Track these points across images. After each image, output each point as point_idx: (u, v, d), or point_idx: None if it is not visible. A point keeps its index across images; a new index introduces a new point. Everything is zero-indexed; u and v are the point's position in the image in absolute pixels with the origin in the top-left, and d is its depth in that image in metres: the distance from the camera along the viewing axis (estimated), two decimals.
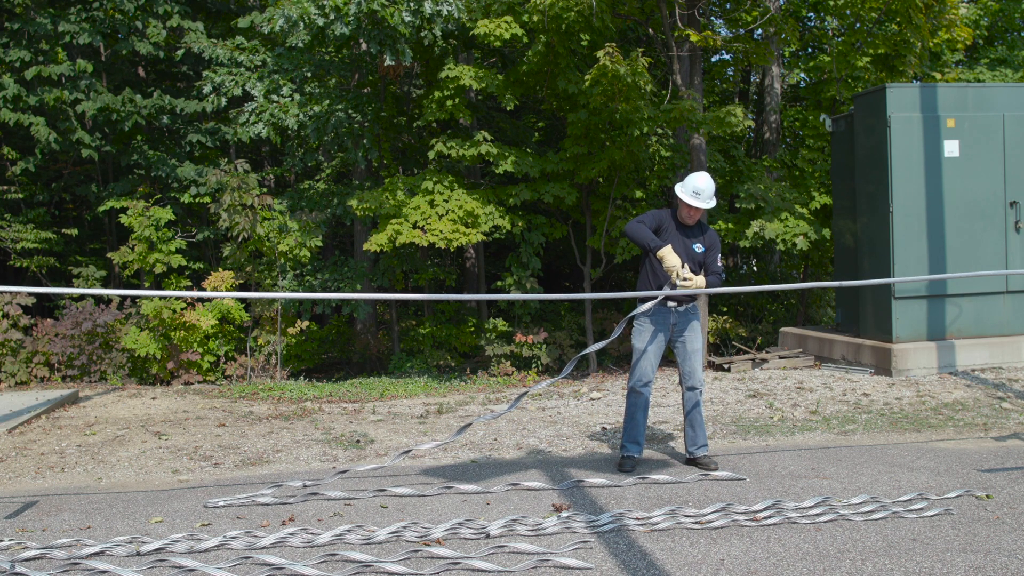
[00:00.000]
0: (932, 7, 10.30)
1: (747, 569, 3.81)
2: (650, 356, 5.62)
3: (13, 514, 4.93)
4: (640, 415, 5.67)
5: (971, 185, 8.67)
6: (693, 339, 5.64)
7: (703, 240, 5.65)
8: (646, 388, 5.65)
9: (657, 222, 5.64)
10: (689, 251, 5.58)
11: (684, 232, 5.62)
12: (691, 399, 5.68)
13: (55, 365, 9.97)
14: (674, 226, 5.63)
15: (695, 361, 5.65)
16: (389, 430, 7.06)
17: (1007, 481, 5.05)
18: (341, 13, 10.10)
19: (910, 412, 7.12)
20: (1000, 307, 8.79)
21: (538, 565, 3.89)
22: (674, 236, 5.59)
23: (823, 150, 12.62)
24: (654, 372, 5.65)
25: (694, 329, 5.65)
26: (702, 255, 5.62)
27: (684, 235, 5.61)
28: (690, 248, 5.59)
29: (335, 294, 7.88)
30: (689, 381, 5.67)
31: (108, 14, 12.84)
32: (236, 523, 4.65)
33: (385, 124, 12.26)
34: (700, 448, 5.65)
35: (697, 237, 5.64)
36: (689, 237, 5.62)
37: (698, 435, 5.67)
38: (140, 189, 13.10)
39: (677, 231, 5.62)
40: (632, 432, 5.66)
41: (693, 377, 5.65)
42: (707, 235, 5.69)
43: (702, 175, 5.60)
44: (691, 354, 5.65)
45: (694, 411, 5.67)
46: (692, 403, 5.68)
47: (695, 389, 5.66)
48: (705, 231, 5.70)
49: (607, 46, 9.52)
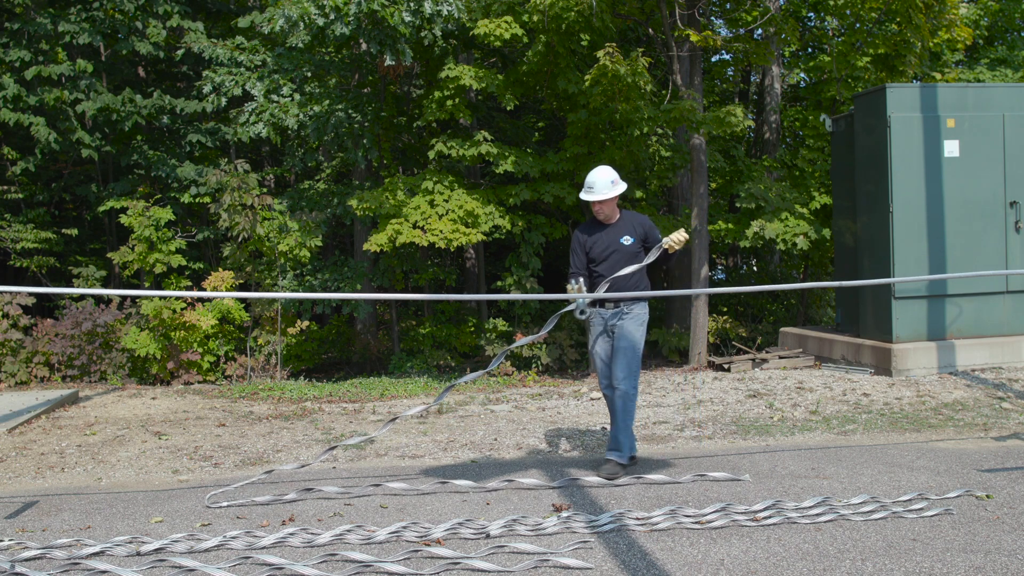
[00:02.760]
0: (932, 7, 10.30)
1: (747, 569, 3.81)
2: (603, 357, 5.56)
3: (13, 514, 4.93)
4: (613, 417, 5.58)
5: (971, 185, 8.67)
6: (622, 337, 5.47)
7: (633, 231, 5.52)
8: (608, 390, 5.56)
9: (580, 242, 5.57)
10: (617, 246, 5.47)
11: (610, 230, 5.52)
12: (614, 398, 5.52)
13: (55, 365, 9.97)
14: (597, 230, 5.55)
15: (618, 360, 5.47)
16: (389, 430, 7.06)
17: (1007, 481, 5.05)
18: (341, 13, 10.10)
19: (910, 412, 7.12)
20: (1000, 307, 8.79)
21: (538, 565, 3.89)
22: (600, 239, 5.51)
23: (823, 150, 12.63)
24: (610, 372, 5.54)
25: (624, 328, 5.47)
26: (633, 245, 5.49)
27: (610, 233, 5.51)
28: (618, 243, 5.48)
29: (335, 294, 7.87)
30: (612, 379, 5.51)
31: (108, 14, 12.83)
32: (236, 523, 4.65)
33: (385, 124, 12.26)
34: (610, 452, 5.45)
35: (625, 231, 5.52)
36: (616, 234, 5.51)
37: (611, 436, 5.51)
38: (140, 189, 13.10)
39: (602, 233, 5.53)
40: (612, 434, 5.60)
41: (614, 376, 5.49)
42: (636, 224, 5.55)
43: (596, 170, 5.49)
44: (616, 352, 5.50)
45: (612, 411, 5.53)
46: (611, 402, 5.54)
47: (614, 389, 5.49)
48: (633, 221, 5.57)
49: (607, 46, 9.52)
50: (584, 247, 5.58)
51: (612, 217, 5.56)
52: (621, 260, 5.47)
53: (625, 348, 5.47)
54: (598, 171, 5.47)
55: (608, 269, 5.49)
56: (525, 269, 11.37)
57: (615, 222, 5.56)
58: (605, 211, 5.52)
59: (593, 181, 5.44)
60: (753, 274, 16.95)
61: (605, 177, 5.44)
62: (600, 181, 5.43)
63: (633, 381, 5.48)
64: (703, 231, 10.71)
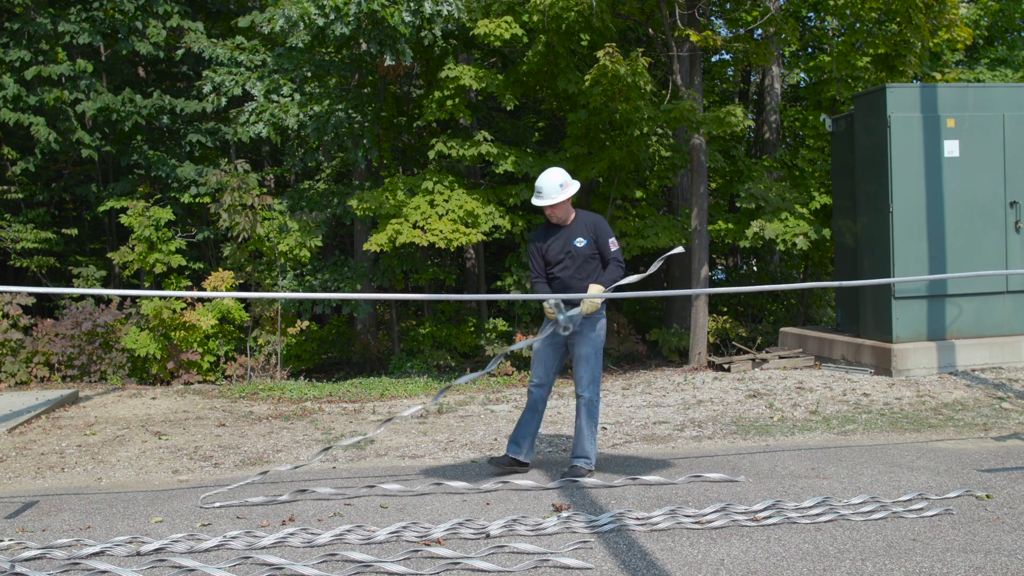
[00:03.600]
0: (932, 7, 10.30)
1: (747, 569, 3.81)
2: (541, 357, 5.47)
3: (13, 514, 4.93)
4: (526, 415, 5.51)
5: (971, 185, 8.67)
6: (581, 344, 5.39)
7: (585, 232, 5.42)
8: (536, 389, 5.48)
9: (537, 248, 5.51)
10: (571, 249, 5.39)
11: (564, 233, 5.44)
12: (577, 406, 5.45)
13: (55, 365, 9.97)
14: (553, 233, 5.47)
15: (581, 368, 5.40)
16: (389, 430, 7.05)
17: (1007, 481, 5.05)
18: (341, 13, 10.10)
19: (910, 412, 7.12)
20: (1000, 307, 8.79)
21: (538, 565, 3.89)
22: (554, 243, 5.42)
23: (823, 150, 12.62)
24: (548, 374, 5.47)
25: (583, 334, 5.38)
26: (586, 247, 5.39)
27: (564, 236, 5.42)
28: (571, 246, 5.40)
29: (335, 294, 7.87)
30: (577, 387, 5.44)
31: (108, 14, 12.83)
32: (236, 523, 4.65)
33: (385, 124, 12.26)
34: (577, 459, 5.38)
35: (578, 232, 5.42)
36: (569, 236, 5.42)
37: (576, 444, 5.44)
38: (140, 189, 13.10)
39: (556, 236, 5.44)
40: (515, 431, 5.54)
41: (579, 384, 5.42)
42: (589, 225, 5.45)
43: (544, 173, 5.38)
44: (577, 359, 5.41)
45: (578, 419, 5.43)
46: (576, 409, 5.46)
47: (579, 397, 5.41)
48: (586, 222, 5.47)
49: (607, 46, 9.52)
50: (540, 252, 5.50)
51: (566, 219, 5.46)
52: (575, 263, 5.38)
53: (587, 355, 5.39)
54: (546, 175, 5.36)
55: (563, 272, 5.40)
56: (525, 269, 11.38)
57: (570, 224, 5.46)
58: (558, 214, 5.41)
59: (542, 186, 5.33)
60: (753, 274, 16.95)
61: (554, 180, 5.32)
62: (549, 185, 5.32)
63: (597, 388, 5.42)
64: (703, 231, 10.71)
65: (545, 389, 5.50)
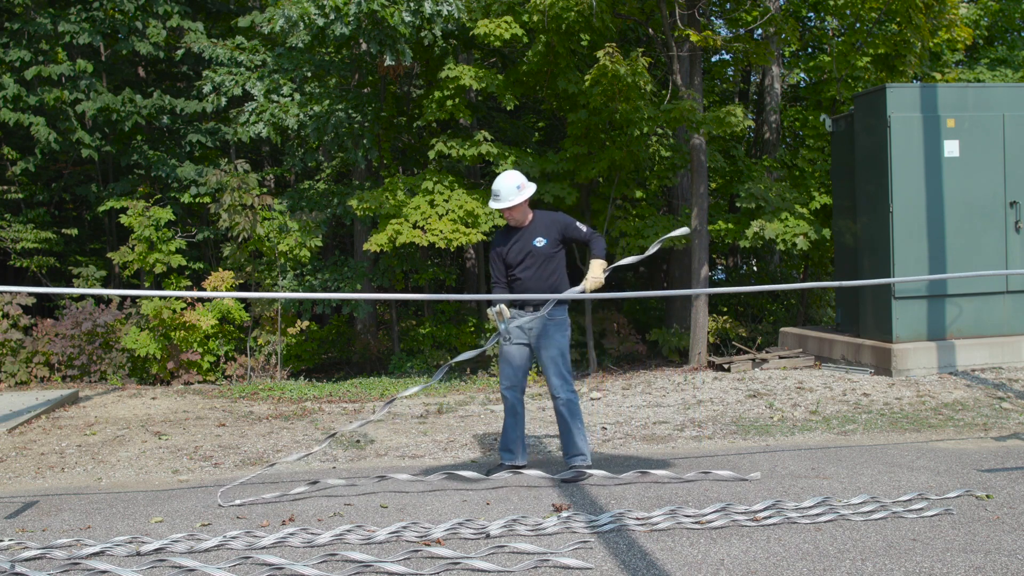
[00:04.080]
0: (932, 7, 10.30)
1: (747, 569, 3.81)
2: (508, 359, 5.44)
3: (13, 514, 4.93)
4: (508, 420, 5.50)
5: (971, 185, 8.67)
6: (547, 346, 5.37)
7: (546, 231, 5.41)
8: (509, 392, 5.46)
9: (497, 251, 5.49)
10: (531, 249, 5.39)
11: (523, 235, 5.43)
12: (555, 408, 5.44)
13: (55, 365, 9.97)
14: (512, 236, 5.46)
15: (549, 370, 5.39)
16: (389, 430, 7.06)
17: (1007, 481, 5.05)
18: (341, 13, 10.10)
19: (910, 412, 7.12)
20: (1000, 307, 8.79)
21: (538, 565, 3.89)
22: (514, 245, 5.42)
23: (823, 150, 12.63)
24: (517, 375, 5.44)
25: (546, 335, 5.37)
26: (546, 247, 5.39)
27: (523, 237, 5.42)
28: (531, 246, 5.39)
29: (335, 294, 7.87)
30: (550, 391, 5.43)
31: (108, 14, 12.84)
32: (236, 523, 4.65)
33: (385, 124, 12.26)
34: (573, 457, 5.39)
35: (537, 232, 5.42)
36: (529, 237, 5.42)
37: (566, 443, 5.44)
38: (140, 189, 13.10)
39: (516, 239, 5.43)
40: (503, 439, 5.55)
41: (551, 387, 5.41)
42: (549, 224, 5.44)
43: (500, 176, 5.37)
44: (544, 363, 5.41)
45: (560, 420, 5.44)
46: (557, 412, 5.45)
47: (555, 399, 5.41)
48: (545, 221, 5.45)
49: (607, 46, 9.52)
50: (501, 255, 5.48)
51: (524, 221, 5.45)
52: (536, 263, 5.38)
53: (554, 356, 5.38)
54: (503, 178, 5.35)
55: (524, 272, 5.39)
56: None
57: (528, 225, 5.46)
58: (516, 216, 5.41)
59: (499, 189, 5.32)
60: (753, 274, 16.96)
61: (510, 183, 5.31)
62: (505, 188, 5.31)
63: (570, 386, 5.42)
64: (703, 231, 10.71)
65: (518, 391, 5.47)
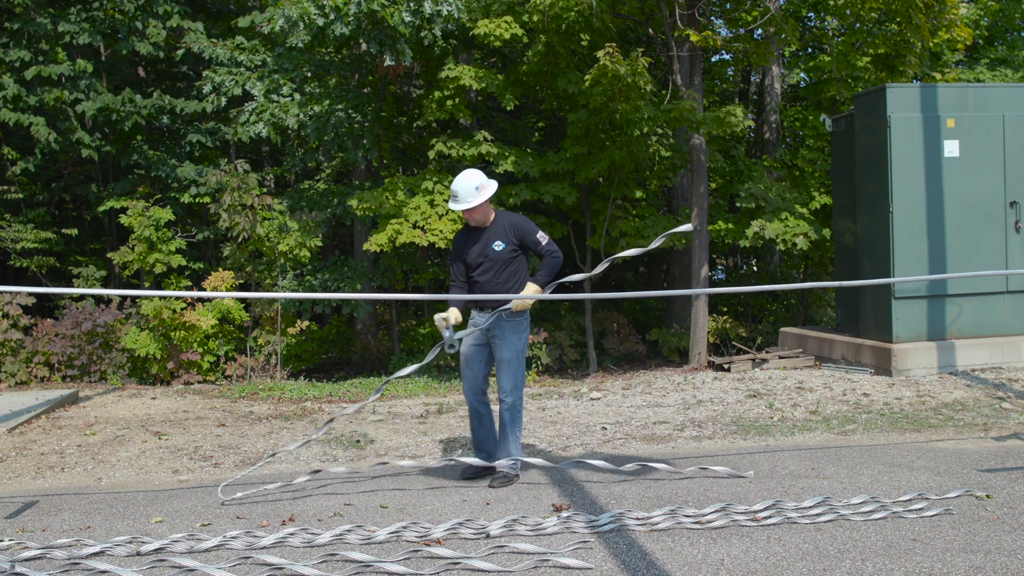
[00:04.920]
0: (932, 7, 10.30)
1: (747, 569, 3.81)
2: (467, 361, 5.39)
3: (13, 514, 4.93)
4: (473, 423, 5.47)
5: (971, 185, 8.67)
6: (503, 348, 5.30)
7: (504, 235, 5.31)
8: (470, 394, 5.42)
9: (456, 250, 5.43)
10: (488, 252, 5.30)
11: (483, 236, 5.34)
12: (499, 410, 5.38)
13: (55, 365, 9.97)
14: (472, 237, 5.37)
15: (503, 373, 5.33)
16: (389, 430, 7.06)
17: (1007, 481, 5.05)
18: (341, 13, 10.10)
19: (910, 412, 7.12)
20: (1000, 307, 8.79)
21: (538, 565, 3.89)
22: (474, 247, 5.33)
23: (823, 150, 12.63)
24: (478, 378, 5.40)
25: (505, 337, 5.30)
26: (504, 250, 5.30)
27: (483, 239, 5.33)
28: (489, 249, 5.30)
29: (335, 294, 7.87)
30: (499, 392, 5.37)
31: (108, 14, 12.84)
32: (236, 523, 4.65)
33: (385, 124, 12.26)
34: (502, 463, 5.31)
35: (497, 235, 5.32)
36: (488, 239, 5.32)
37: (500, 448, 5.39)
38: (140, 189, 13.10)
39: (476, 240, 5.35)
40: (474, 442, 5.53)
41: (500, 389, 5.34)
42: (508, 228, 5.33)
43: (459, 176, 5.26)
44: (498, 364, 5.34)
45: (500, 423, 5.39)
46: (500, 414, 5.39)
47: (502, 402, 5.35)
48: (506, 224, 5.34)
49: (607, 46, 9.53)
50: (460, 255, 5.40)
51: (485, 221, 5.35)
52: (494, 267, 5.30)
53: (510, 359, 5.32)
54: (462, 177, 5.23)
55: (482, 276, 5.32)
56: None
57: (489, 226, 5.36)
58: (476, 217, 5.31)
59: (457, 189, 5.22)
60: (753, 274, 16.96)
61: (470, 183, 5.20)
62: (464, 189, 5.20)
63: (519, 392, 5.36)
64: (703, 231, 10.71)
65: (479, 392, 5.42)
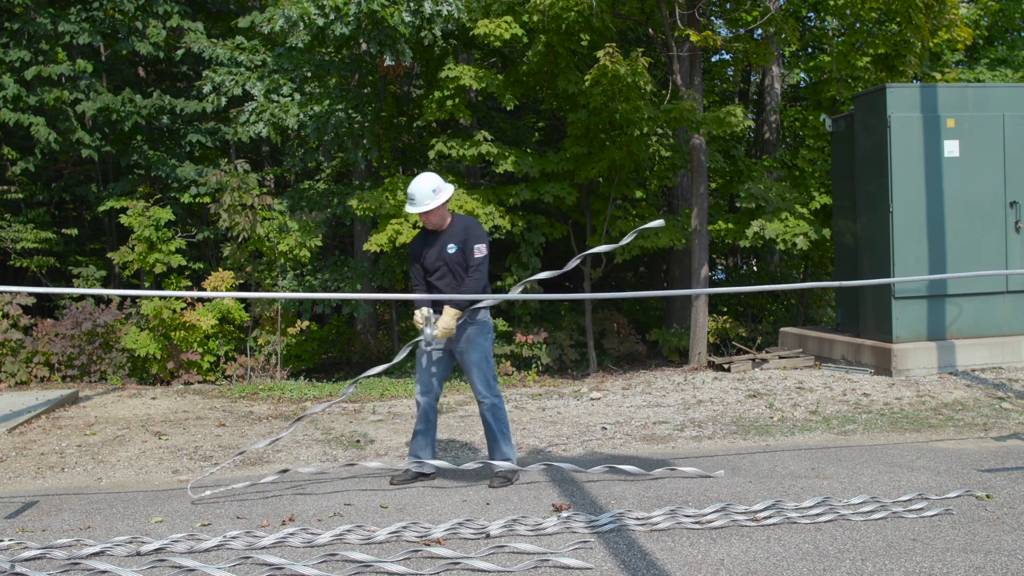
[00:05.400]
0: (932, 7, 10.31)
1: (747, 569, 3.81)
2: (425, 363, 5.36)
3: (13, 514, 4.93)
4: (419, 426, 5.41)
5: (971, 185, 8.67)
6: (468, 351, 5.28)
7: (456, 238, 5.29)
8: (422, 397, 5.37)
9: (415, 253, 5.41)
10: (444, 256, 5.29)
11: (439, 240, 5.32)
12: (480, 413, 5.38)
13: (55, 365, 9.97)
14: (429, 240, 5.36)
15: (473, 375, 5.30)
16: (389, 430, 7.06)
17: (1007, 481, 5.05)
18: (341, 13, 10.10)
19: (910, 412, 7.12)
20: (1000, 307, 8.79)
21: (538, 565, 3.89)
22: (430, 250, 5.32)
23: (823, 150, 12.63)
24: (433, 382, 5.36)
25: (468, 340, 5.27)
26: (457, 254, 5.28)
27: (439, 243, 5.31)
28: (444, 253, 5.29)
29: (335, 294, 7.87)
30: (476, 396, 5.35)
31: (108, 14, 12.84)
32: (236, 523, 4.65)
33: (385, 124, 12.27)
34: (499, 464, 5.30)
35: (451, 238, 5.30)
36: (444, 242, 5.30)
37: (491, 449, 5.38)
38: (140, 189, 13.10)
39: (433, 243, 5.33)
40: (412, 444, 5.45)
41: (475, 392, 5.33)
42: (461, 231, 5.31)
43: (416, 179, 5.24)
44: (467, 367, 5.32)
45: (485, 426, 5.38)
46: (482, 417, 5.38)
47: (480, 403, 5.34)
48: (459, 227, 5.32)
49: (607, 46, 9.53)
50: (418, 258, 5.40)
51: (442, 225, 5.33)
52: (449, 270, 5.28)
53: (477, 361, 5.30)
54: (418, 181, 5.22)
55: (439, 281, 5.31)
56: (525, 269, 11.37)
57: (446, 229, 5.34)
58: (433, 220, 5.29)
59: (414, 192, 5.20)
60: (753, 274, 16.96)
61: (426, 187, 5.18)
62: (420, 192, 5.18)
63: (495, 390, 5.34)
64: (703, 231, 10.71)
65: (432, 397, 5.38)
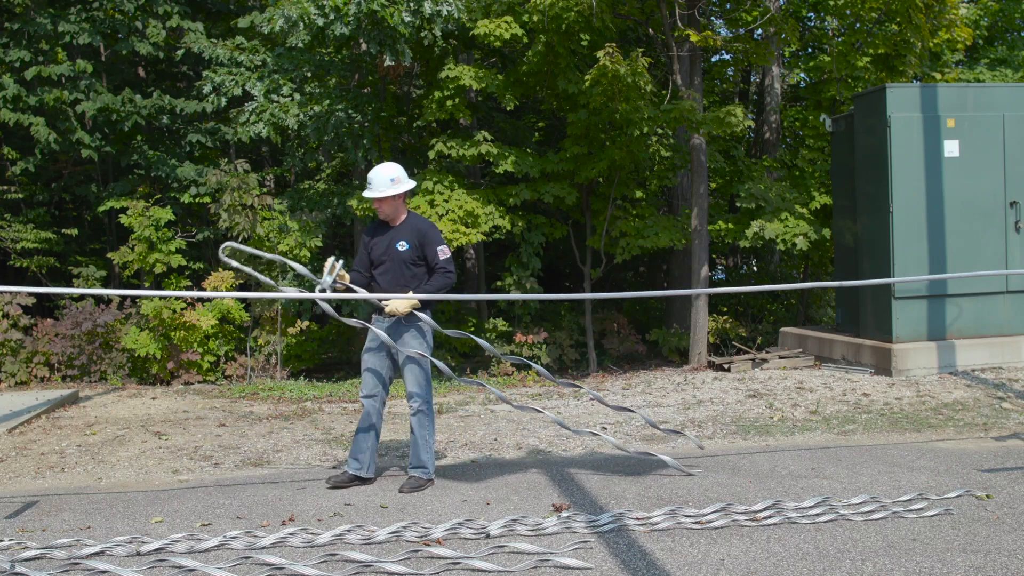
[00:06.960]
0: (932, 7, 10.30)
1: (747, 569, 3.81)
2: (368, 365, 5.31)
3: (13, 514, 4.93)
4: (362, 424, 5.31)
5: (971, 185, 8.67)
6: (403, 352, 5.22)
7: (410, 236, 5.22)
8: (368, 400, 5.31)
9: (364, 242, 5.35)
10: (392, 251, 5.22)
11: (390, 233, 5.26)
12: (410, 415, 5.29)
13: (55, 365, 9.97)
14: (381, 231, 5.29)
15: (407, 378, 5.24)
16: (389, 430, 7.06)
17: (1007, 481, 5.05)
18: (341, 13, 10.10)
19: (910, 412, 7.12)
20: (1000, 307, 8.79)
21: (538, 565, 3.89)
22: (380, 241, 5.25)
23: (823, 150, 12.63)
24: (377, 385, 5.30)
25: (405, 342, 5.21)
26: (407, 252, 5.20)
27: (389, 236, 5.25)
28: (393, 248, 5.21)
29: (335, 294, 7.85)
30: (407, 398, 5.30)
31: (108, 14, 12.83)
32: (236, 523, 4.65)
33: (385, 124, 12.26)
34: (415, 469, 5.22)
35: (403, 235, 5.23)
36: (394, 237, 5.24)
37: (412, 453, 5.27)
38: (140, 189, 13.09)
39: (383, 235, 5.27)
40: (353, 447, 5.34)
41: (408, 394, 5.28)
42: (415, 230, 5.24)
43: (378, 166, 5.22)
44: (403, 370, 5.26)
45: (411, 430, 5.29)
46: (410, 420, 5.29)
47: (410, 407, 5.28)
48: (414, 227, 5.26)
49: (607, 46, 9.53)
50: (367, 247, 5.32)
51: (396, 218, 5.26)
52: (395, 266, 5.21)
53: (411, 364, 5.23)
54: (379, 168, 5.19)
55: (382, 277, 5.25)
56: (525, 269, 11.37)
57: (399, 224, 5.27)
58: (385, 210, 5.23)
59: (372, 178, 5.16)
60: (753, 274, 16.96)
61: (385, 174, 5.14)
62: (379, 178, 5.14)
63: (427, 396, 5.27)
64: (703, 231, 10.71)
65: (377, 400, 5.32)
